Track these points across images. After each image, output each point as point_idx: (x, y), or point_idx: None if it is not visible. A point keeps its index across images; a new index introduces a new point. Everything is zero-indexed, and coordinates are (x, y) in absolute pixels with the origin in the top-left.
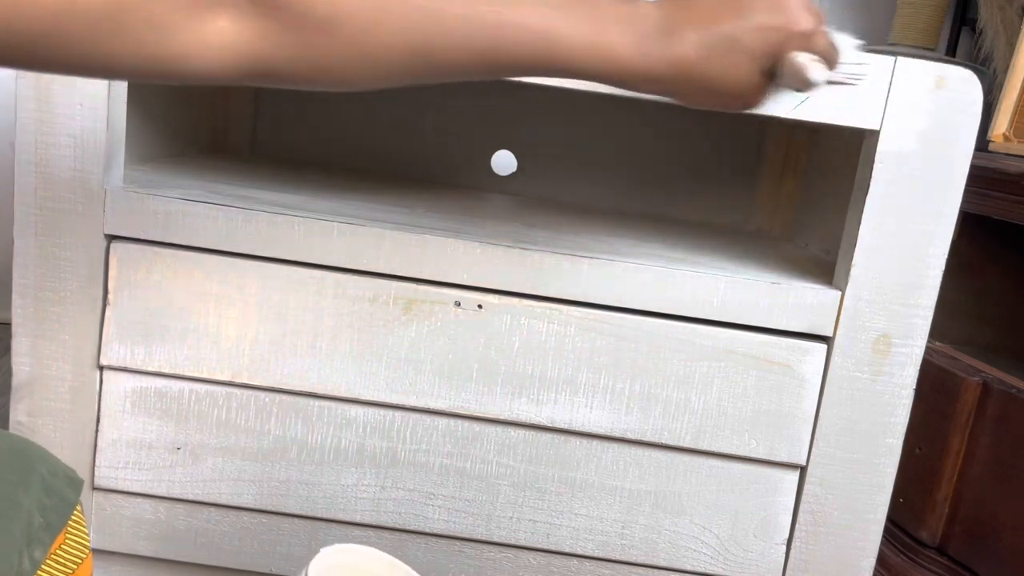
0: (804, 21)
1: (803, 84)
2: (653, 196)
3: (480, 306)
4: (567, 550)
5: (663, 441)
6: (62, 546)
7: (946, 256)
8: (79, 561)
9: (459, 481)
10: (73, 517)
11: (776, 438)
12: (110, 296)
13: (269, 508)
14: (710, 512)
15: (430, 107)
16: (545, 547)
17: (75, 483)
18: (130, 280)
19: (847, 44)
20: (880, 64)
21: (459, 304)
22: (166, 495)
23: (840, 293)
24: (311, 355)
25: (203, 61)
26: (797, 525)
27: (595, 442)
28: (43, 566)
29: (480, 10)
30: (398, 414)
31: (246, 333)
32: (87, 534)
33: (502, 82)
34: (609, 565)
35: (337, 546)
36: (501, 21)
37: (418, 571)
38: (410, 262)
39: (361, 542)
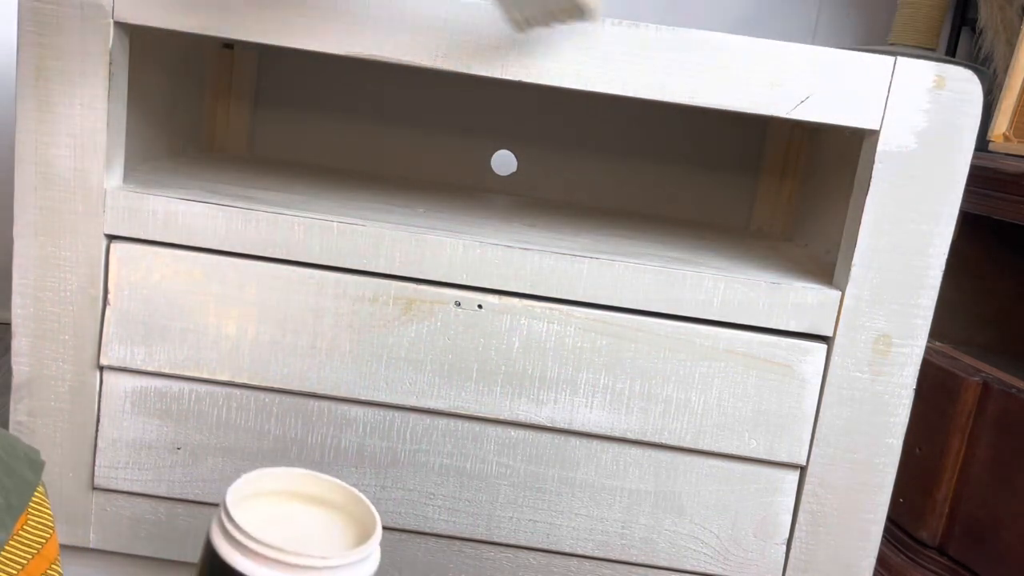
0: None
1: None
2: (653, 196)
3: (480, 306)
4: (567, 550)
5: (663, 441)
6: (24, 527)
7: (946, 256)
8: (43, 540)
9: (459, 481)
10: (35, 498)
11: (776, 438)
12: (110, 296)
13: None
14: (710, 512)
15: (430, 107)
16: (545, 547)
17: (36, 464)
18: (130, 280)
19: None
20: (880, 64)
21: (459, 304)
22: (166, 495)
23: (840, 293)
24: (311, 355)
25: None
26: (797, 525)
27: (595, 442)
28: (7, 547)
29: None
30: (398, 414)
31: (246, 333)
32: (51, 514)
33: (502, 82)
34: (609, 565)
35: (258, 471)
36: None
37: (418, 571)
38: (410, 262)
39: None
